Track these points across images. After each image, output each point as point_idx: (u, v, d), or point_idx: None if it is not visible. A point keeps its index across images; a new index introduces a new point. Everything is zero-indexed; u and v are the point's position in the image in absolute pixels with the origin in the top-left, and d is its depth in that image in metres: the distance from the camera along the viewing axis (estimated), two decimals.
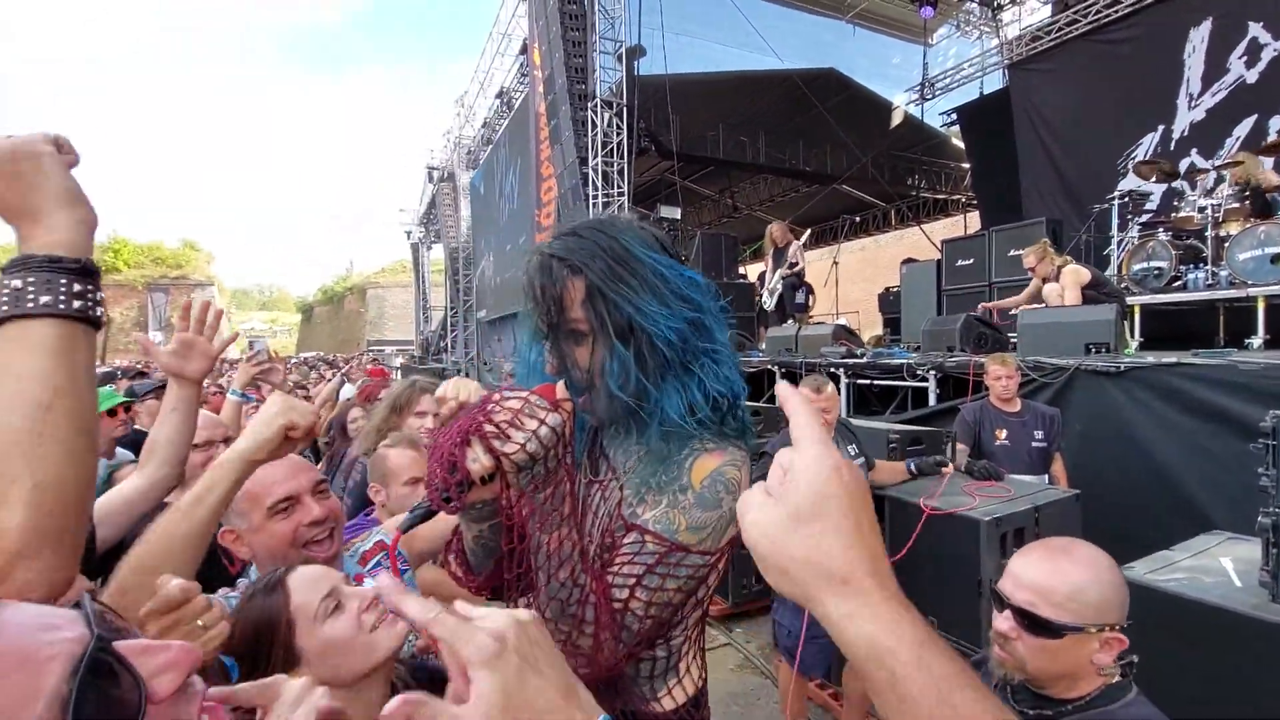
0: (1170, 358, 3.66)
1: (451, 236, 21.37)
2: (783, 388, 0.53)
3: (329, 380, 6.41)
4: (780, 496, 0.46)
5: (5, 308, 0.59)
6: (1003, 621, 1.12)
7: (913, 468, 2.96)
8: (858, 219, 15.82)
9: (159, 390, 4.24)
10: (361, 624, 1.00)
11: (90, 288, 0.62)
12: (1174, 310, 5.35)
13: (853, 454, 2.82)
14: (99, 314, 0.64)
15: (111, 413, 2.55)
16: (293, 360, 25.81)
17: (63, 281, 0.60)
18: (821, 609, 0.43)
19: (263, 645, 0.96)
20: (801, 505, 0.44)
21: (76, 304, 0.61)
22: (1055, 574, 1.10)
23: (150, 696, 0.40)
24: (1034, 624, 1.08)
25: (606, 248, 0.92)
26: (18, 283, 0.59)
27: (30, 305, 0.59)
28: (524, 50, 12.98)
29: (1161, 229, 5.67)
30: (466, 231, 20.64)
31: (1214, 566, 1.99)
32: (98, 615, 0.41)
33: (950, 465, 2.98)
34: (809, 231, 9.20)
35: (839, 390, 5.70)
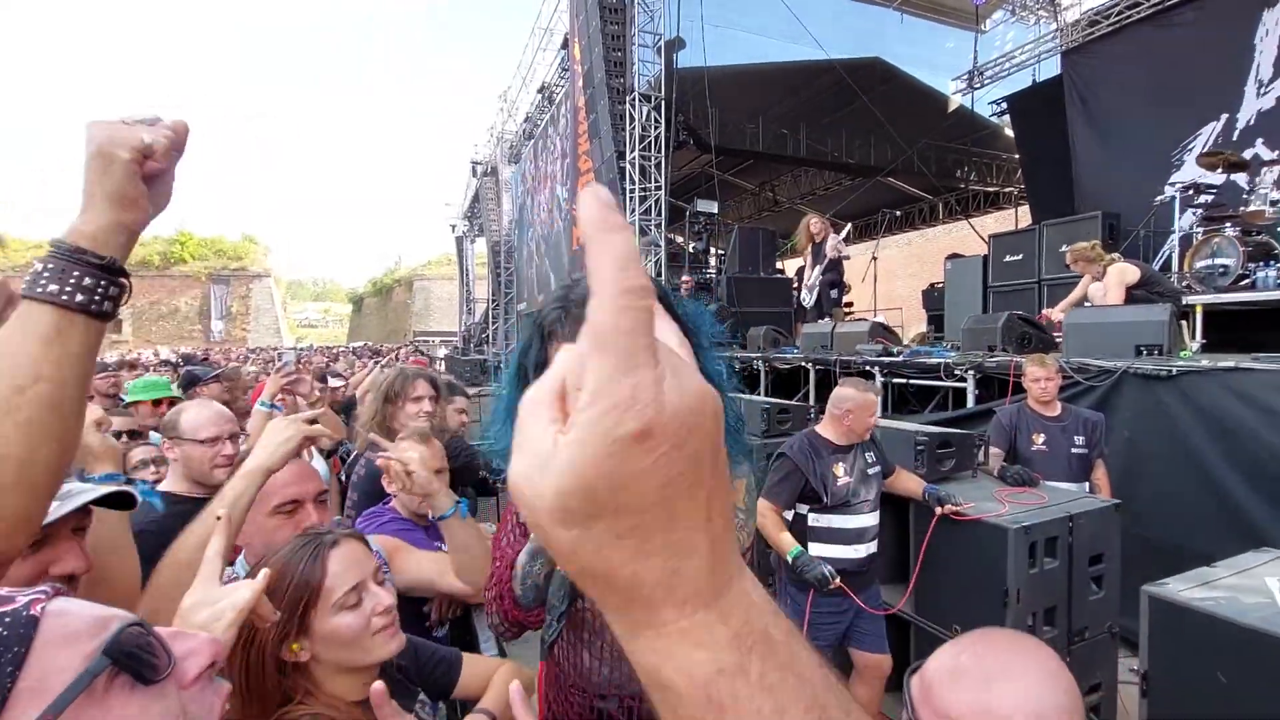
0: (1228, 362, 3.45)
1: (494, 230, 21.67)
2: (585, 200, 0.27)
3: (368, 370, 6.57)
4: (556, 452, 0.26)
5: (25, 286, 0.63)
6: None
7: (927, 496, 2.77)
8: (899, 213, 15.42)
9: (218, 377, 4.45)
10: (370, 625, 1.05)
11: (104, 283, 0.65)
12: (1243, 312, 5.01)
13: (871, 460, 2.73)
14: (106, 308, 0.66)
15: (156, 403, 2.69)
16: (340, 349, 26.61)
17: (75, 273, 0.63)
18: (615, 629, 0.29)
19: (287, 604, 1.03)
20: (578, 482, 0.25)
21: (80, 297, 0.63)
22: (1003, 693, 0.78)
23: (177, 677, 0.47)
24: None
25: None
26: (40, 265, 0.63)
27: (39, 290, 0.62)
28: (565, 45, 13.03)
29: (1229, 224, 5.33)
30: (509, 225, 20.90)
31: (1258, 586, 1.86)
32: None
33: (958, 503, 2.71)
34: (849, 226, 8.99)
35: None
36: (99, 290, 0.64)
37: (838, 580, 2.52)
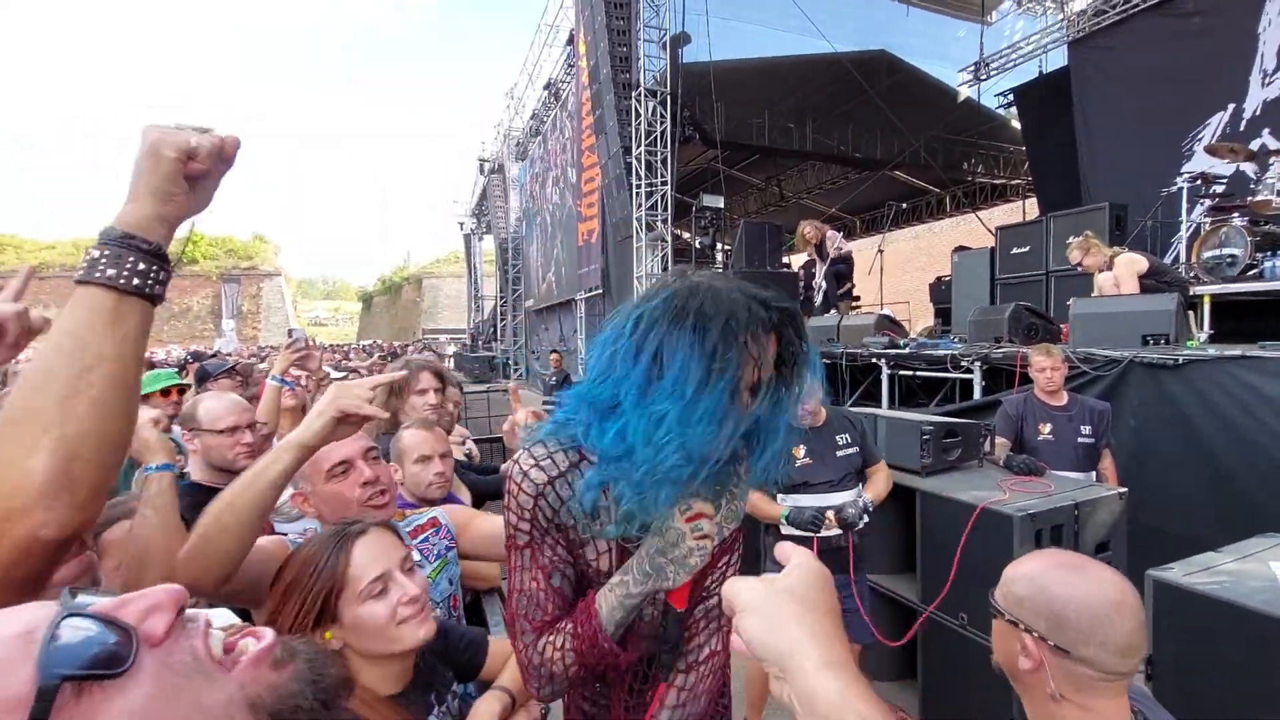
0: (1234, 350, 3.44)
1: (501, 227, 21.74)
2: (782, 549, 0.64)
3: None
4: (775, 579, 0.59)
5: (82, 272, 0.68)
6: None
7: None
8: (904, 206, 15.34)
9: (230, 371, 4.50)
10: (395, 615, 1.07)
11: (155, 268, 0.70)
12: (1252, 302, 4.98)
13: (844, 442, 2.74)
14: (157, 291, 0.71)
15: (165, 392, 2.75)
16: (350, 347, 26.80)
17: (130, 259, 0.68)
18: (798, 662, 0.53)
19: (309, 594, 1.05)
20: (797, 588, 0.57)
21: (136, 281, 0.68)
22: (1026, 564, 1.07)
23: (146, 639, 0.44)
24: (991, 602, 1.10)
25: None
26: (96, 253, 0.68)
27: (98, 275, 0.67)
28: (570, 41, 13.05)
29: (1236, 214, 5.30)
30: (516, 222, 20.96)
31: (1261, 571, 1.88)
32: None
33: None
34: (842, 223, 8.97)
35: (880, 381, 5.58)
36: (151, 274, 0.70)
37: (830, 515, 2.57)
